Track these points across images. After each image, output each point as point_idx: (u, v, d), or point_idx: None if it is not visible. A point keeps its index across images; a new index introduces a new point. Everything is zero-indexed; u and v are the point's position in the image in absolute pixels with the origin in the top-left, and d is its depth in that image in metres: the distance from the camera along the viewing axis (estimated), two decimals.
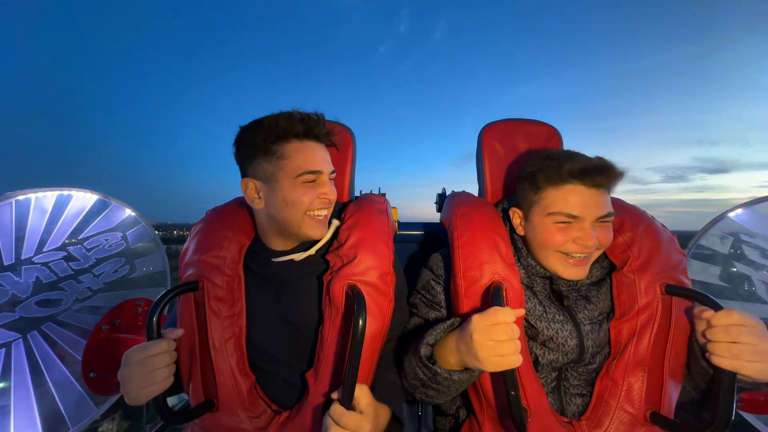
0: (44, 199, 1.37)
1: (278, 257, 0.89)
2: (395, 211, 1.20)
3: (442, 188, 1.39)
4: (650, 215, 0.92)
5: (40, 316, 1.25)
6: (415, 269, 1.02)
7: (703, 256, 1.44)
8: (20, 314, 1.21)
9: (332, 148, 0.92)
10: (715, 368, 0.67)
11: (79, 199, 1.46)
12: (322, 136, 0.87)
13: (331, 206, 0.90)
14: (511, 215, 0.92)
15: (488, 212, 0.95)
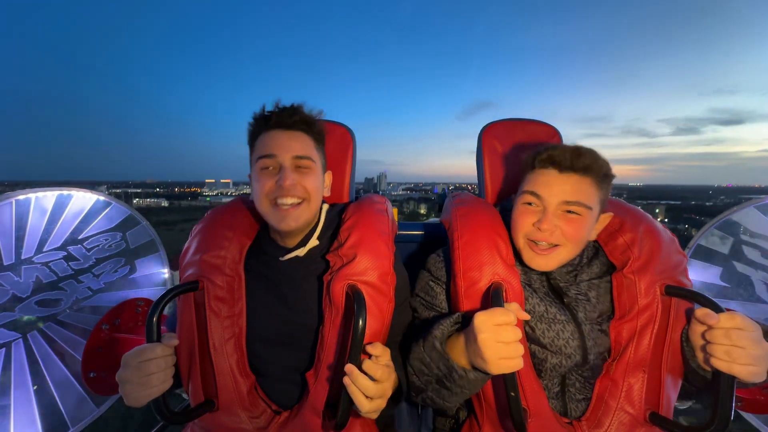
0: (44, 199, 1.37)
1: (283, 254, 0.90)
2: (395, 211, 1.20)
3: (442, 189, 1.39)
4: (650, 216, 0.92)
5: (40, 316, 1.25)
6: (415, 269, 1.02)
7: (703, 256, 1.44)
8: (20, 314, 1.21)
9: (331, 147, 0.96)
10: (714, 369, 0.67)
11: (79, 199, 1.46)
12: (290, 123, 0.85)
13: (296, 195, 0.83)
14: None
15: (488, 213, 0.95)
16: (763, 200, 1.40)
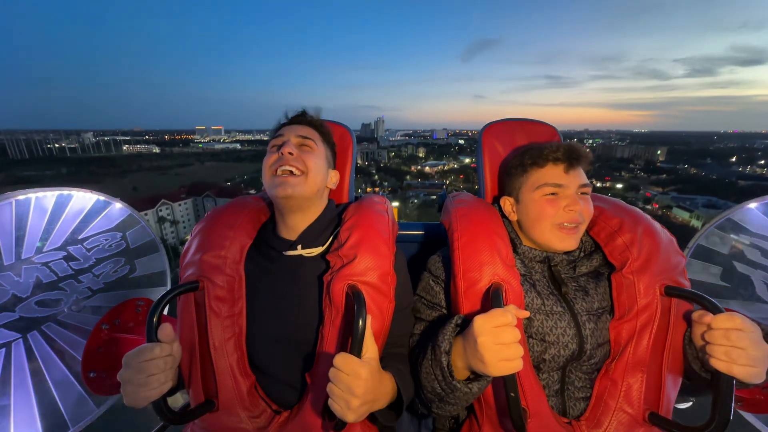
0: (44, 199, 1.37)
1: (287, 249, 0.91)
2: (396, 211, 1.20)
3: (443, 188, 1.39)
4: (649, 217, 0.92)
5: (40, 316, 1.25)
6: (415, 269, 1.02)
7: (703, 255, 1.44)
8: (20, 314, 1.21)
9: (336, 147, 1.06)
10: (713, 370, 0.67)
11: (79, 199, 1.46)
12: (300, 120, 1.00)
13: (295, 165, 0.88)
14: (501, 204, 0.99)
15: (488, 213, 0.95)
16: (763, 200, 1.40)
